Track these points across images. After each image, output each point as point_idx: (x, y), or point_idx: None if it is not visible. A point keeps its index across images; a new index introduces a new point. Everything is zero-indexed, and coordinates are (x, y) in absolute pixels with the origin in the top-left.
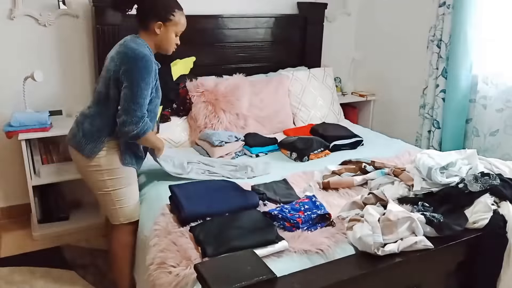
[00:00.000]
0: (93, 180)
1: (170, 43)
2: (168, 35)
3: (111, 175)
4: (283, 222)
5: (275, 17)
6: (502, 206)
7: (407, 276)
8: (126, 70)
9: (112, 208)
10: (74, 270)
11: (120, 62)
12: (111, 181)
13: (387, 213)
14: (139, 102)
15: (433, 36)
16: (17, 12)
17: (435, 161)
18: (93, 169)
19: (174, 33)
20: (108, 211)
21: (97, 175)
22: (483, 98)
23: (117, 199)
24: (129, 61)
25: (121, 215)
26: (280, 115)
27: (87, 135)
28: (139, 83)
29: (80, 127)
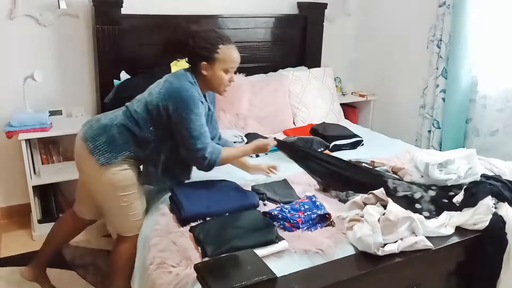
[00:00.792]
0: (103, 193)
1: (220, 82)
2: (216, 75)
3: (124, 191)
4: (283, 222)
5: (275, 17)
6: (500, 207)
7: (407, 276)
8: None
9: (126, 221)
10: (74, 270)
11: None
12: (125, 197)
13: (387, 213)
14: (195, 135)
15: (433, 36)
16: (17, 12)
17: (432, 158)
18: (105, 183)
19: (223, 70)
20: (119, 223)
21: (109, 190)
22: (483, 98)
23: (131, 212)
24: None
25: (135, 226)
26: (280, 115)
27: (113, 143)
28: (189, 117)
29: (106, 131)
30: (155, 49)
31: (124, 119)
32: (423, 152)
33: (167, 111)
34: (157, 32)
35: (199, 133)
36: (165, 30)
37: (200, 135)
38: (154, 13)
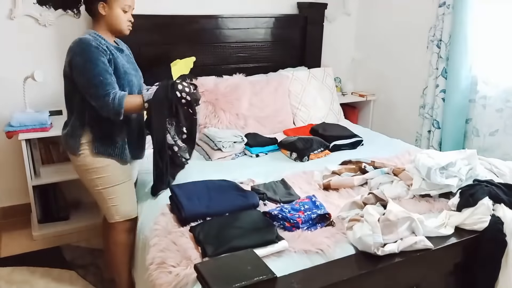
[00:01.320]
0: (84, 179)
1: (120, 21)
2: (114, 14)
3: (98, 174)
4: (283, 222)
5: (275, 17)
6: (497, 208)
7: (407, 276)
8: (69, 61)
9: (106, 206)
10: (74, 270)
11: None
12: (99, 180)
13: (387, 213)
14: (96, 83)
15: (433, 36)
16: (17, 12)
17: (434, 161)
18: (82, 168)
19: (121, 9)
20: (103, 209)
21: (86, 174)
22: (483, 98)
23: (108, 197)
24: (69, 52)
25: (115, 213)
26: (280, 115)
27: (69, 132)
28: (85, 65)
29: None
30: (155, 49)
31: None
32: (424, 153)
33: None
34: (157, 32)
35: (100, 81)
36: (165, 30)
37: (100, 83)
38: (154, 13)
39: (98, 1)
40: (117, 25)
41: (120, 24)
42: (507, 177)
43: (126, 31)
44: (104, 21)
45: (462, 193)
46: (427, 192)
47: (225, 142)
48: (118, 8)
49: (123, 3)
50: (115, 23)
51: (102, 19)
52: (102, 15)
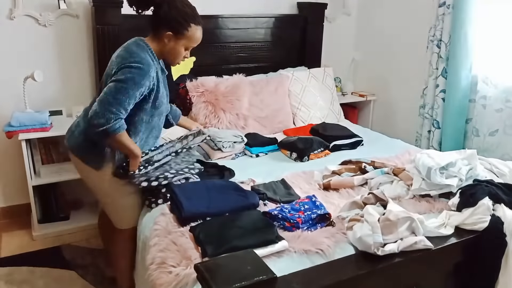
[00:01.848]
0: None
1: (177, 56)
2: (177, 49)
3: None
4: (283, 222)
5: (275, 17)
6: (497, 208)
7: (407, 276)
8: (119, 68)
9: (120, 215)
10: (74, 270)
11: (117, 65)
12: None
13: (387, 213)
14: (120, 98)
15: (433, 36)
16: (17, 12)
17: (434, 161)
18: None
19: (184, 47)
20: (115, 218)
21: (106, 184)
22: (483, 98)
23: (124, 206)
24: (124, 61)
25: (129, 221)
26: (280, 115)
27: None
28: (127, 81)
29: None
30: None
31: None
32: (424, 153)
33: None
34: None
35: (124, 101)
36: None
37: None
38: None
39: (167, 30)
40: (172, 58)
41: (175, 59)
42: (507, 177)
43: (175, 64)
44: (162, 47)
45: (462, 193)
46: (427, 192)
47: (225, 142)
48: (182, 46)
49: (191, 44)
50: (172, 55)
51: (162, 43)
52: (164, 41)
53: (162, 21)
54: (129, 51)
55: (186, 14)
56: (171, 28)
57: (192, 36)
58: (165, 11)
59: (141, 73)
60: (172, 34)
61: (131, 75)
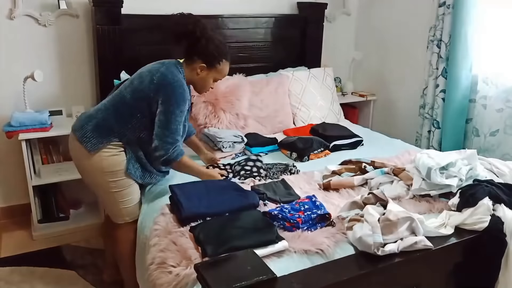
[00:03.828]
0: (94, 180)
1: (206, 86)
2: (207, 79)
3: (113, 177)
4: (283, 222)
5: (275, 17)
6: (497, 208)
7: (407, 276)
8: (163, 95)
9: (117, 208)
10: (74, 270)
11: (158, 83)
12: (114, 183)
13: (387, 213)
14: (172, 128)
15: (433, 36)
16: (17, 12)
17: (434, 161)
18: (95, 169)
19: (213, 79)
20: (111, 211)
21: (99, 176)
22: (483, 98)
23: (121, 199)
24: (167, 85)
25: (126, 214)
26: (280, 115)
27: (97, 129)
28: (175, 110)
29: (91, 120)
30: (155, 49)
31: (109, 106)
32: (424, 153)
33: (157, 102)
34: (157, 32)
35: (176, 129)
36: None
37: (175, 132)
38: (154, 13)
39: (201, 61)
40: (200, 87)
41: (203, 88)
42: (507, 177)
43: (202, 93)
44: (194, 75)
45: (462, 193)
46: (427, 192)
47: (225, 142)
48: (212, 78)
49: (219, 77)
50: (201, 85)
51: (194, 72)
52: (196, 71)
53: (198, 53)
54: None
55: (221, 50)
56: (205, 60)
57: (222, 70)
58: (203, 45)
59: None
60: (206, 65)
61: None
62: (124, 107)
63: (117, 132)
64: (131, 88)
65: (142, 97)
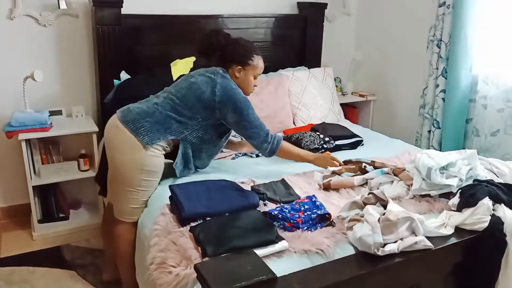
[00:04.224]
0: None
1: (249, 85)
2: (247, 78)
3: (148, 176)
4: (283, 222)
5: (275, 17)
6: (497, 208)
7: (407, 276)
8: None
9: (131, 207)
10: (74, 270)
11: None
12: (145, 182)
13: (387, 213)
14: (257, 125)
15: (433, 36)
16: (17, 12)
17: (435, 161)
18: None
19: (253, 76)
20: (121, 207)
21: (135, 171)
22: (483, 98)
23: (142, 199)
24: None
25: (136, 214)
26: (280, 115)
27: (155, 125)
28: (248, 111)
29: (148, 116)
30: (155, 49)
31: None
32: (424, 153)
33: (222, 111)
34: (157, 32)
35: (259, 123)
36: (165, 30)
37: (260, 125)
38: (154, 13)
39: (236, 65)
40: (245, 88)
41: (248, 87)
42: (507, 177)
43: (250, 93)
44: (235, 80)
45: (462, 193)
46: (427, 192)
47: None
48: (251, 75)
49: (257, 72)
50: (245, 85)
51: (233, 77)
52: (235, 75)
53: (230, 59)
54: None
55: (248, 48)
56: (238, 62)
57: (256, 65)
58: (230, 51)
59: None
60: (241, 67)
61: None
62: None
63: (175, 131)
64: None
65: (205, 106)
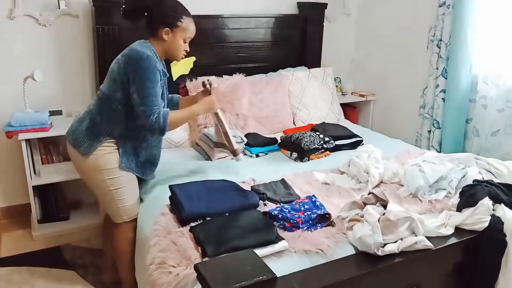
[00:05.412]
0: (92, 180)
1: (178, 49)
2: (176, 41)
3: (110, 175)
4: (283, 222)
5: (275, 17)
6: (497, 208)
7: (407, 276)
8: (130, 71)
9: (115, 207)
10: (74, 270)
11: (124, 64)
12: (110, 181)
13: (387, 213)
14: (148, 103)
15: (433, 36)
16: (17, 12)
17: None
18: (91, 169)
19: (183, 39)
20: (110, 210)
21: (96, 175)
22: (483, 98)
23: (118, 198)
24: (132, 62)
25: (124, 213)
26: (280, 115)
27: (86, 132)
28: (145, 83)
29: (80, 123)
30: None
31: (94, 106)
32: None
33: (125, 84)
34: None
35: (151, 101)
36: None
37: (150, 102)
38: None
39: (163, 26)
40: (174, 52)
41: (177, 52)
42: (506, 178)
43: (180, 58)
44: (163, 44)
45: (462, 193)
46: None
47: None
48: (180, 38)
49: (187, 35)
50: (174, 49)
51: (162, 41)
52: (163, 38)
53: (156, 21)
54: (135, 50)
55: (176, 8)
56: (166, 23)
57: (186, 27)
58: (157, 11)
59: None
60: (169, 29)
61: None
62: (104, 102)
63: (105, 130)
64: (106, 82)
65: (115, 85)
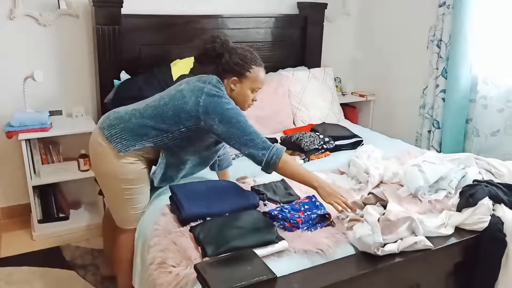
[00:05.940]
0: (110, 184)
1: (246, 100)
2: (244, 92)
3: (131, 184)
4: (283, 222)
5: (275, 17)
6: (497, 208)
7: (407, 276)
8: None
9: (126, 214)
10: (74, 270)
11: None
12: (128, 190)
13: (387, 213)
14: (250, 131)
15: (433, 36)
16: (17, 12)
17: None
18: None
19: (250, 89)
20: (120, 215)
21: (117, 181)
22: (483, 98)
23: (133, 206)
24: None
25: (135, 220)
26: (280, 115)
27: (130, 132)
28: (239, 119)
29: (122, 122)
30: (155, 49)
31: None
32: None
33: (208, 122)
34: (157, 32)
35: (254, 130)
36: (165, 30)
37: (255, 132)
38: (154, 13)
39: (231, 75)
40: (241, 102)
41: (244, 102)
42: (505, 178)
43: (246, 109)
44: (231, 92)
45: (462, 193)
46: None
47: None
48: (248, 88)
49: (256, 85)
50: (240, 100)
51: (229, 89)
52: (231, 87)
53: (225, 69)
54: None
55: (246, 57)
56: (234, 72)
57: (255, 77)
58: (226, 59)
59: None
60: (237, 78)
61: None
62: (166, 121)
63: (153, 138)
64: (173, 105)
65: (189, 117)
